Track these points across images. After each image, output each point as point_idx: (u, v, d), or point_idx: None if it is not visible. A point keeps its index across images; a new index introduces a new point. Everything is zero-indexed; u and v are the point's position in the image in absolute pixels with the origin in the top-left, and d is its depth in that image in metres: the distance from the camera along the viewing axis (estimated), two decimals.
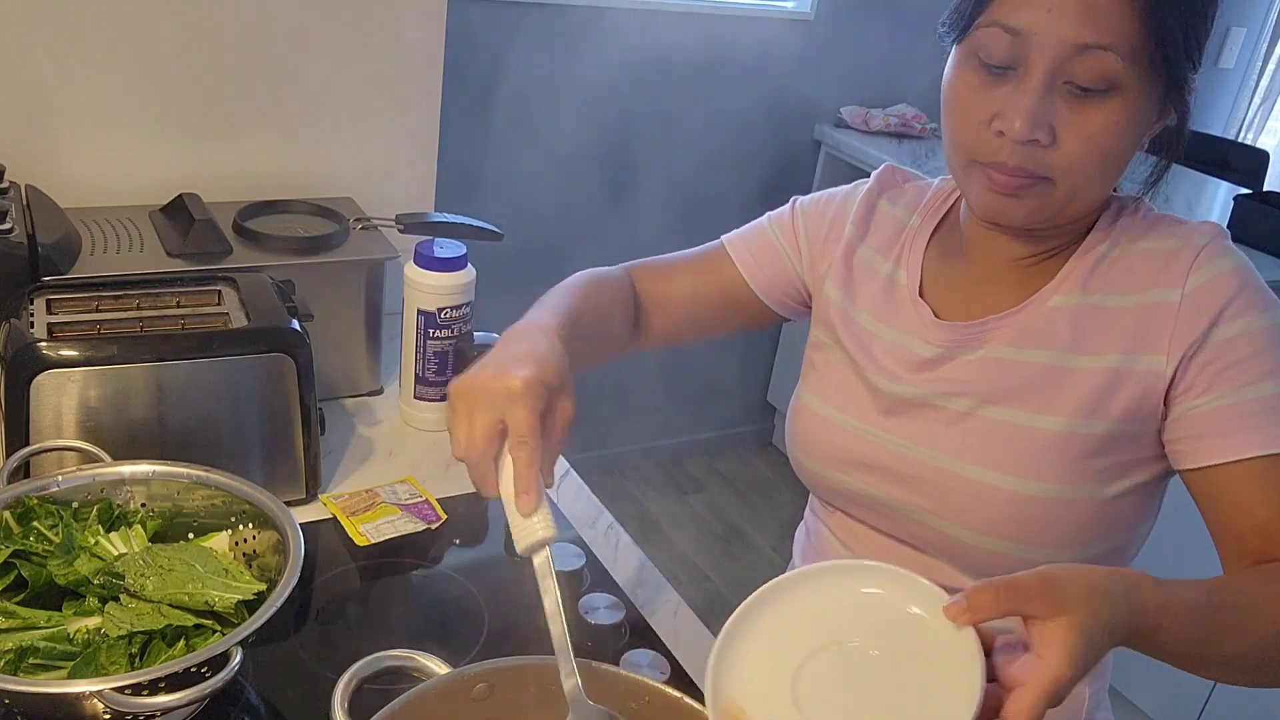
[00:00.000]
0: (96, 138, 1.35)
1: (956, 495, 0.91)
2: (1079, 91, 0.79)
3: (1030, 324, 0.90)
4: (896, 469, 0.95)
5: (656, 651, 1.00)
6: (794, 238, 1.08)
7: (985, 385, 0.91)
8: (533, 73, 2.50)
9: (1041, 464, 0.87)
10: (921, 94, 3.02)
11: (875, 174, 1.06)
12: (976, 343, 0.92)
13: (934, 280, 0.98)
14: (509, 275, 2.68)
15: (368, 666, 0.76)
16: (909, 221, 1.01)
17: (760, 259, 1.08)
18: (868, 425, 0.96)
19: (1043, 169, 0.82)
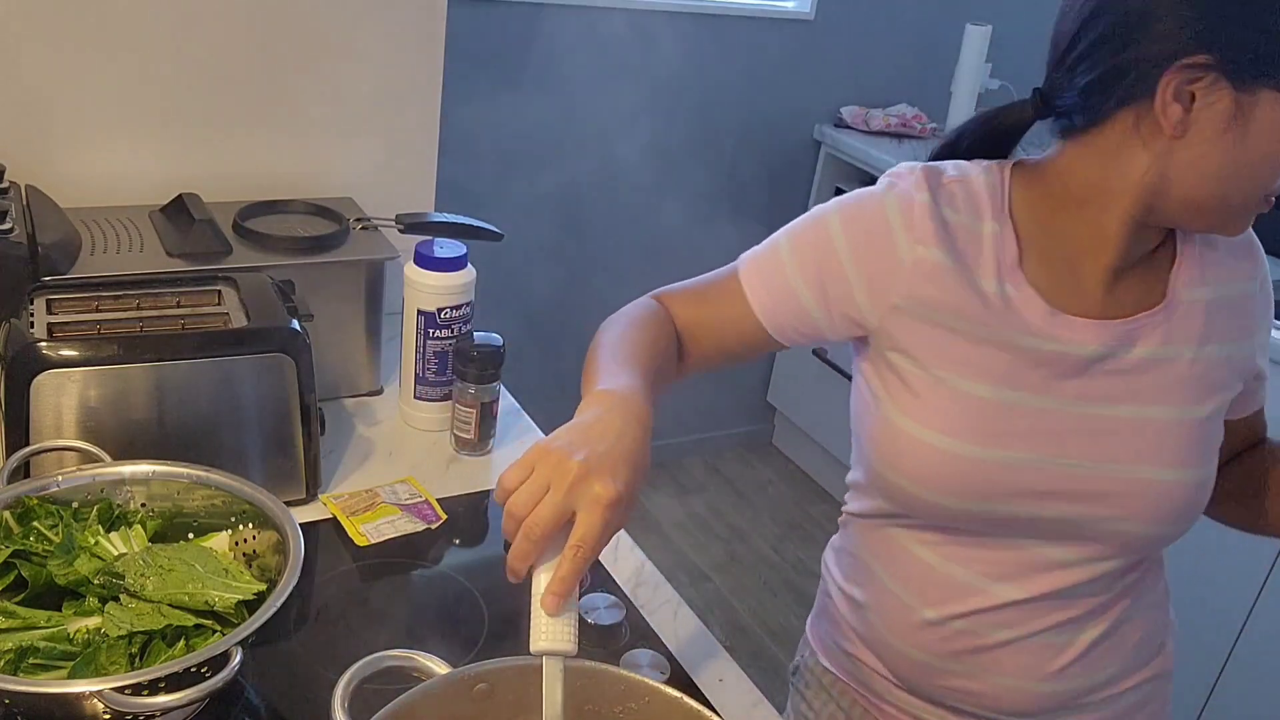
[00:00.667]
0: (96, 138, 1.35)
1: (1132, 497, 0.93)
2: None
3: (1176, 320, 0.94)
4: (1069, 487, 0.92)
5: (656, 651, 1.00)
6: (825, 279, 0.95)
7: (1147, 384, 0.93)
8: (533, 73, 2.50)
9: (1201, 451, 0.95)
10: (922, 94, 3.02)
11: (915, 180, 0.95)
12: (1131, 340, 0.93)
13: (1044, 283, 0.93)
14: (509, 274, 2.69)
15: (368, 666, 0.76)
16: (982, 228, 0.93)
17: (782, 306, 0.97)
18: (1028, 452, 0.91)
19: None
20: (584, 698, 0.77)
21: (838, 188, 2.96)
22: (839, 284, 0.95)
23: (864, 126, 2.90)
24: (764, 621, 2.64)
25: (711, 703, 0.96)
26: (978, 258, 0.93)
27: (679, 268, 3.22)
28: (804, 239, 0.97)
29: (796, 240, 0.98)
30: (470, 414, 1.27)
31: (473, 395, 1.26)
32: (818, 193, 3.00)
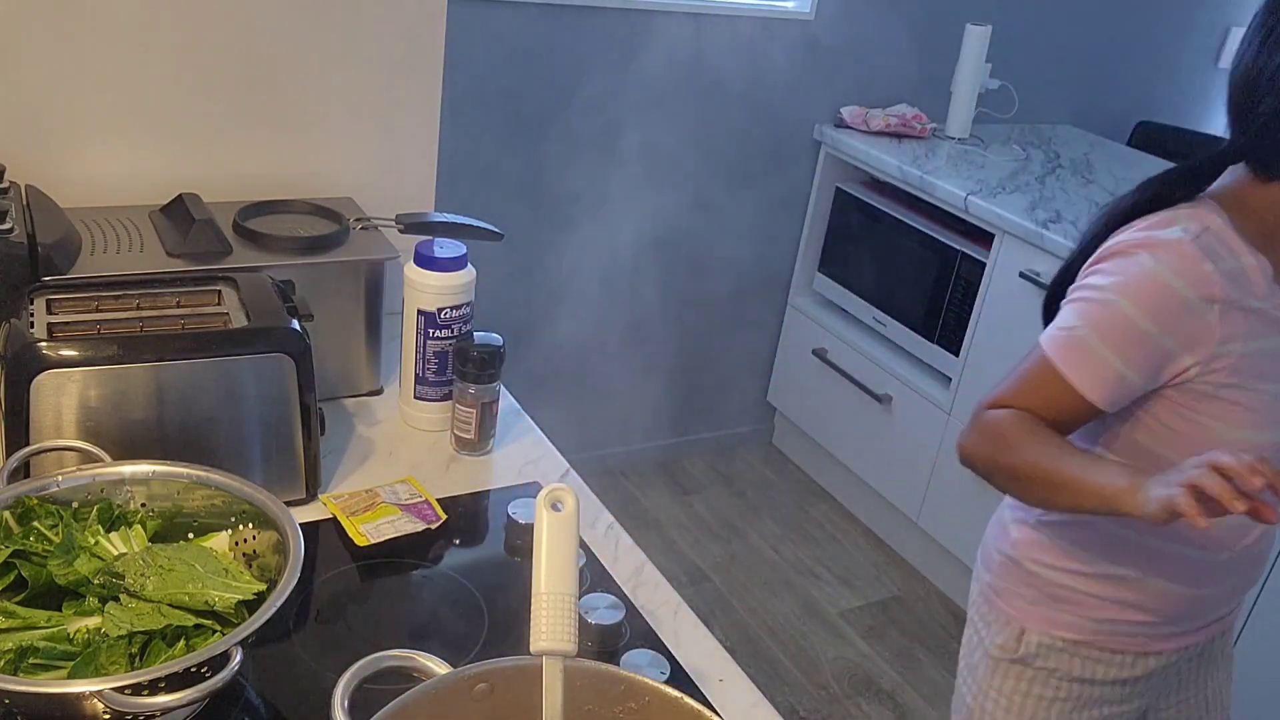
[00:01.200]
0: (96, 138, 1.35)
1: None
2: None
3: None
4: None
5: (656, 651, 1.00)
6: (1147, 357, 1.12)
7: None
8: (532, 73, 2.50)
9: None
10: (922, 94, 3.02)
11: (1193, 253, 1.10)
12: None
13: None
14: (509, 274, 2.69)
15: (368, 666, 0.76)
16: (1244, 262, 1.12)
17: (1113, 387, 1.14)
18: None
19: None
20: (584, 698, 0.77)
21: (837, 188, 2.96)
22: (1163, 357, 1.12)
23: (864, 126, 2.90)
24: (764, 621, 2.64)
25: (711, 703, 0.96)
26: (1249, 287, 1.11)
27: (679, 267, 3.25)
28: (1112, 333, 1.12)
29: (1104, 334, 1.13)
30: (470, 414, 1.27)
31: (473, 395, 1.26)
32: (818, 193, 3.00)
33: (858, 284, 2.94)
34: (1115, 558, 1.25)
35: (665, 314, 3.00)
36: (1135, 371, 1.12)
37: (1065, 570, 1.28)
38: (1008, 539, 1.34)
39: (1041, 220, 2.40)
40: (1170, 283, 1.09)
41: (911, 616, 2.72)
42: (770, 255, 3.08)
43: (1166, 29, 3.40)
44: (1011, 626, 1.33)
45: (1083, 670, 1.31)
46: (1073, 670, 1.31)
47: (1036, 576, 1.30)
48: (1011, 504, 1.35)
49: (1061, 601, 1.29)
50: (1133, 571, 1.25)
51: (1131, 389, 1.14)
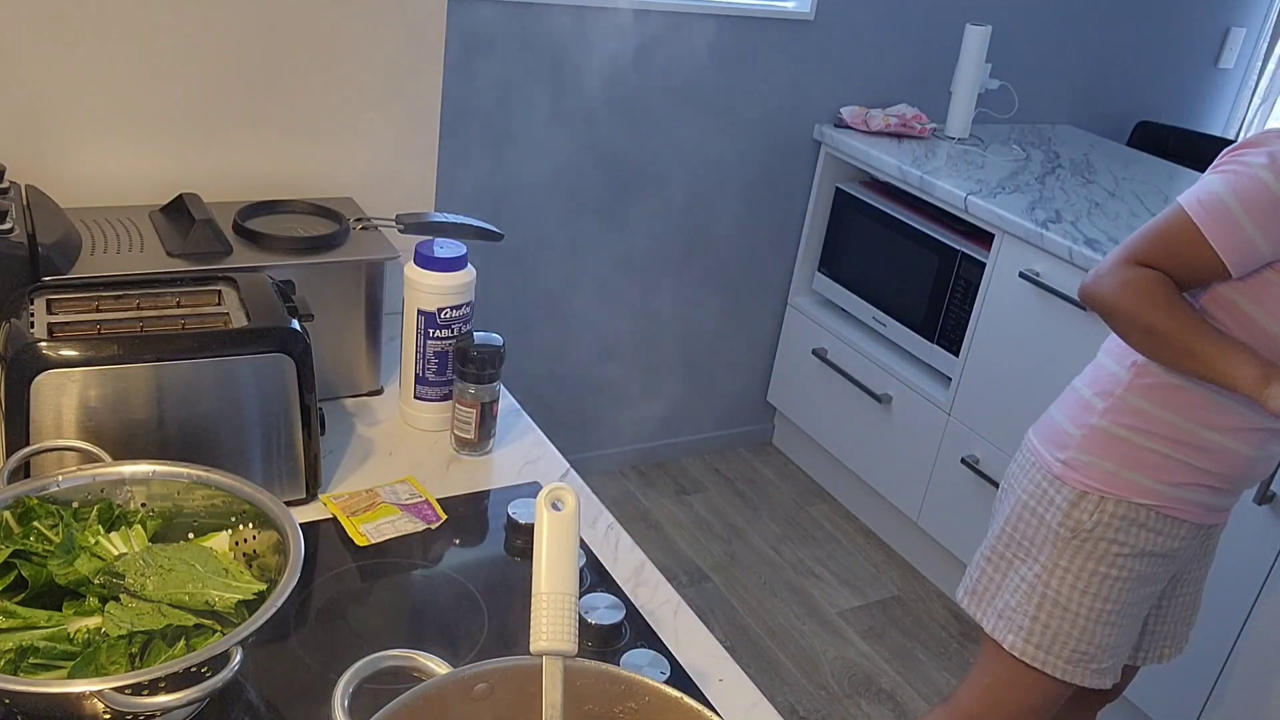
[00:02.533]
0: (96, 138, 1.35)
1: None
2: None
3: None
4: None
5: (656, 651, 1.00)
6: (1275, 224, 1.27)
7: None
8: (532, 72, 2.50)
9: None
10: (922, 94, 3.02)
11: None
12: None
13: None
14: (510, 274, 2.69)
15: (368, 666, 0.76)
16: None
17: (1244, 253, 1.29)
18: None
19: None
20: (584, 698, 0.77)
21: (837, 188, 2.96)
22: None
23: (864, 126, 2.90)
24: (764, 621, 2.64)
25: (711, 703, 0.96)
26: None
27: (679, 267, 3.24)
28: (1254, 203, 1.27)
29: (1247, 204, 1.27)
30: (470, 414, 1.27)
31: (473, 395, 1.26)
32: (818, 193, 3.00)
33: (858, 284, 2.94)
34: (1206, 421, 1.40)
35: (665, 314, 3.00)
36: (1267, 241, 1.26)
37: (1157, 435, 1.42)
38: (1093, 411, 1.47)
39: (1041, 220, 2.40)
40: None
41: (911, 616, 2.73)
42: (770, 255, 3.08)
43: (1166, 29, 3.40)
44: (1088, 499, 1.46)
45: (1148, 543, 1.46)
46: (1139, 544, 1.46)
47: (1125, 442, 1.43)
48: (1092, 380, 1.49)
49: (1145, 467, 1.43)
50: (1215, 436, 1.40)
51: (1260, 258, 1.28)
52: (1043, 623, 1.52)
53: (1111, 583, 1.49)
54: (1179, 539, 1.48)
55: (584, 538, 1.16)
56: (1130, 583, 1.49)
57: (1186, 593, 1.64)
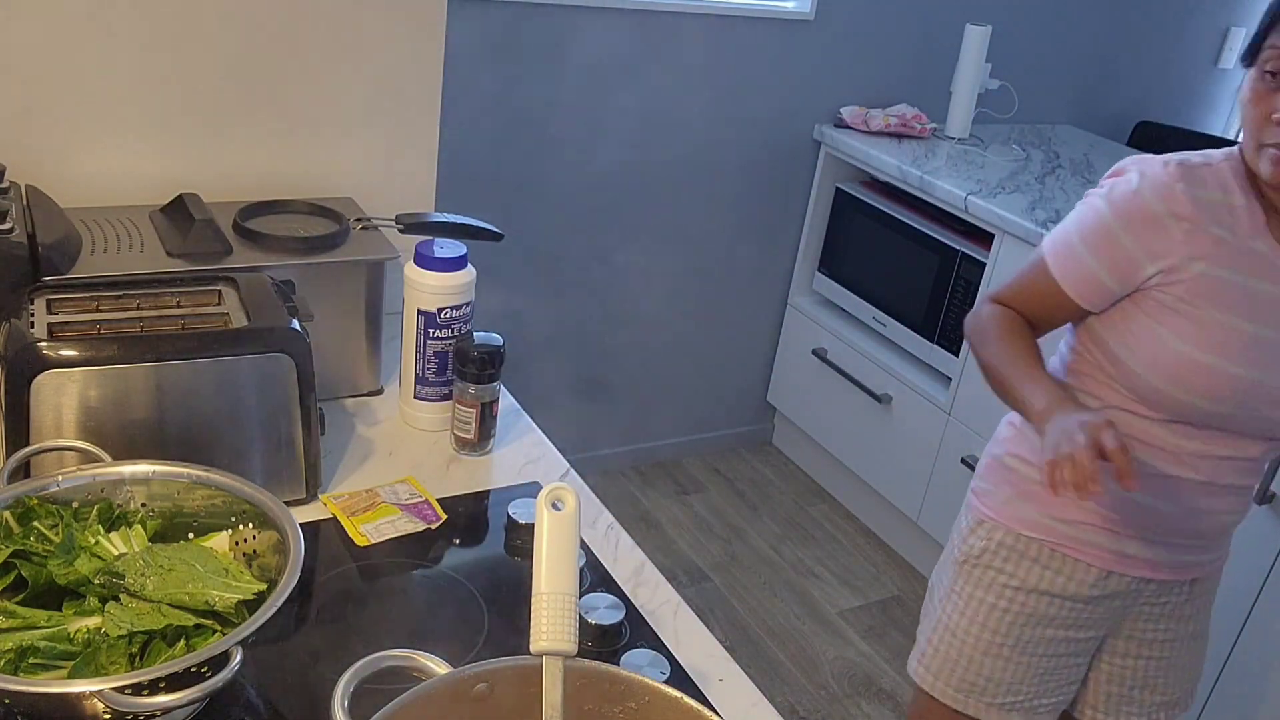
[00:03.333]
0: (96, 138, 1.35)
1: None
2: None
3: None
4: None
5: (656, 651, 1.00)
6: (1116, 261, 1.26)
7: None
8: (532, 72, 2.50)
9: None
10: (922, 94, 3.02)
11: (1168, 171, 1.24)
12: None
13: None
14: (509, 275, 2.69)
15: (368, 666, 0.76)
16: (1234, 201, 1.23)
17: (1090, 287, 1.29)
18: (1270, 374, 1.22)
19: None
20: (584, 698, 0.77)
21: (837, 188, 2.96)
22: (1130, 263, 1.25)
23: (864, 126, 2.90)
24: (764, 621, 2.64)
25: (711, 703, 0.96)
26: (1234, 224, 1.22)
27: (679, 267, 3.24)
28: (1092, 236, 1.27)
29: (1085, 238, 1.28)
30: (470, 414, 1.27)
31: (473, 395, 1.26)
32: (818, 193, 3.00)
33: (858, 284, 2.94)
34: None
35: (665, 314, 3.00)
36: (1108, 274, 1.26)
37: (1038, 466, 1.35)
38: (998, 439, 1.46)
39: (1041, 220, 2.40)
40: (1145, 196, 1.24)
41: (911, 616, 2.72)
42: (770, 255, 3.08)
43: (1166, 29, 3.40)
44: (983, 526, 1.43)
45: (1039, 580, 1.39)
46: (1030, 579, 1.40)
47: (1014, 473, 1.40)
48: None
49: (1032, 499, 1.38)
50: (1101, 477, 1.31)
51: (1106, 290, 1.28)
52: (934, 646, 1.49)
53: (1000, 614, 1.41)
54: (1085, 584, 1.38)
55: (584, 538, 1.16)
56: (1021, 618, 1.41)
57: (1147, 656, 1.46)
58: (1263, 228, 1.23)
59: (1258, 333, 1.22)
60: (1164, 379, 1.25)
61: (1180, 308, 1.24)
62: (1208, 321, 1.22)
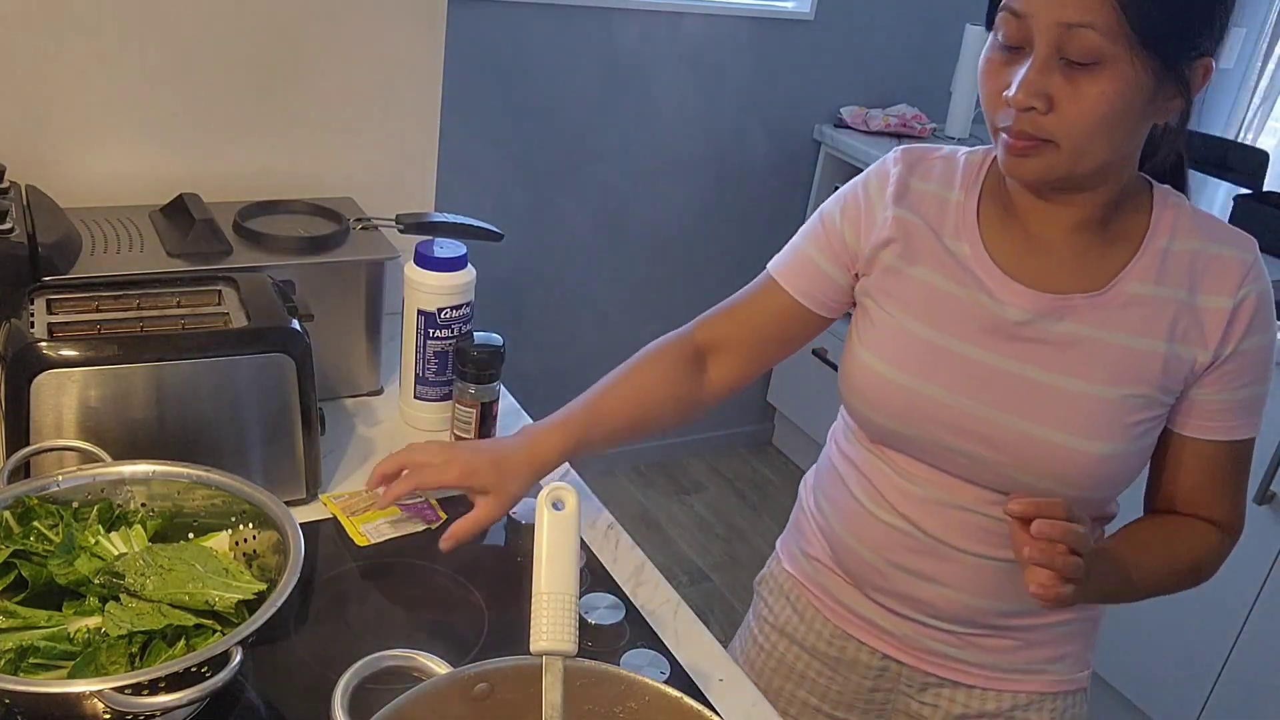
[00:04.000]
0: (96, 138, 1.35)
1: (1037, 455, 1.02)
2: (1073, 65, 0.91)
3: (1113, 307, 1.01)
4: (978, 430, 1.03)
5: (656, 651, 1.00)
6: (829, 241, 1.14)
7: (1069, 358, 1.01)
8: (532, 72, 2.50)
9: (1111, 427, 1.01)
10: (922, 94, 3.02)
11: (894, 156, 1.13)
12: (1059, 314, 1.02)
13: (996, 248, 1.05)
14: (510, 275, 2.69)
15: (368, 666, 0.76)
16: (950, 196, 1.09)
17: (806, 276, 1.16)
18: (948, 390, 1.04)
19: (1044, 133, 0.93)
20: (584, 698, 0.77)
21: (837, 188, 2.95)
22: (838, 242, 1.13)
23: (864, 126, 2.90)
24: None
25: (711, 703, 0.96)
26: (941, 219, 1.08)
27: (679, 267, 3.24)
28: (812, 225, 1.17)
29: (807, 229, 1.18)
30: (470, 414, 1.27)
31: (473, 395, 1.26)
32: (818, 193, 3.00)
33: None
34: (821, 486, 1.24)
35: (665, 314, 2.99)
36: (821, 255, 1.14)
37: (804, 489, 1.30)
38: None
39: None
40: (865, 177, 1.14)
41: None
42: (770, 255, 3.07)
43: None
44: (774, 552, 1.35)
45: (787, 620, 1.25)
46: (780, 616, 1.26)
47: (799, 500, 1.31)
48: None
49: (797, 527, 1.29)
50: (827, 505, 1.21)
51: (825, 279, 1.14)
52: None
53: (756, 646, 1.29)
54: (823, 637, 1.22)
55: (584, 538, 1.16)
56: (770, 658, 1.27)
57: None
58: (972, 228, 1.06)
59: (933, 340, 1.05)
60: (849, 389, 1.12)
61: (867, 304, 1.11)
62: (885, 324, 1.08)
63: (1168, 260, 1.01)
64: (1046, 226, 1.04)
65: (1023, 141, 0.95)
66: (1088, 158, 0.95)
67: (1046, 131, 0.93)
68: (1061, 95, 0.91)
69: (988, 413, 1.03)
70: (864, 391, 1.09)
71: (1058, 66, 0.91)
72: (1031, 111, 0.93)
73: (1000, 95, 0.95)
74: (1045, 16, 0.90)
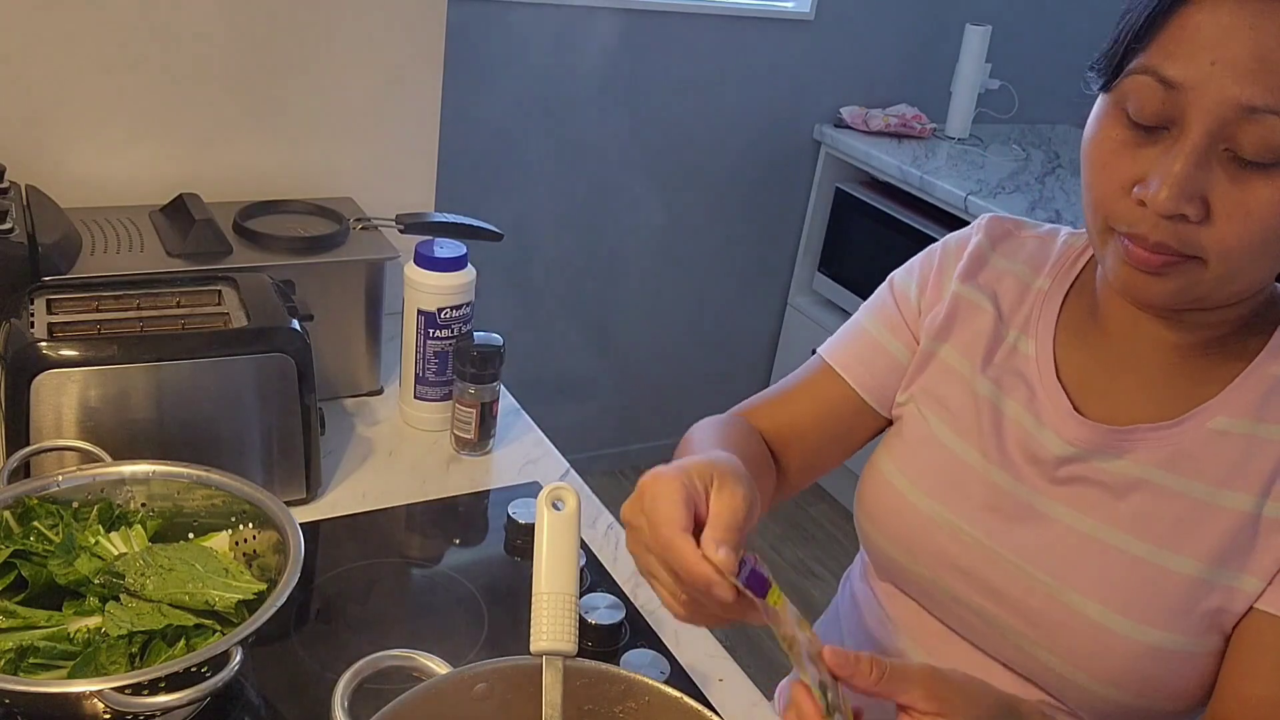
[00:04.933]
0: (96, 138, 1.35)
1: (1067, 630, 0.80)
2: (1243, 163, 0.67)
3: (1188, 445, 0.78)
4: (995, 582, 0.83)
5: (656, 651, 1.00)
6: (901, 310, 0.96)
7: (1123, 507, 0.79)
8: (533, 73, 2.50)
9: (1171, 610, 0.76)
10: (922, 94, 3.02)
11: (982, 224, 0.95)
12: (1118, 450, 0.80)
13: (1066, 357, 0.85)
14: (510, 275, 2.69)
15: (368, 666, 0.76)
16: (1035, 282, 0.89)
17: (867, 362, 0.96)
18: (966, 521, 0.85)
19: (1191, 248, 0.70)
20: (584, 698, 0.77)
21: (837, 188, 2.96)
22: (910, 312, 0.95)
23: (864, 126, 2.90)
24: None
25: (711, 703, 0.96)
26: (1015, 309, 0.89)
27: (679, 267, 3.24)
28: (876, 300, 0.99)
29: (870, 306, 0.99)
30: (470, 414, 1.27)
31: (473, 395, 1.26)
32: (818, 193, 3.00)
33: (858, 284, 2.94)
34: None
35: (665, 313, 3.00)
36: (892, 336, 0.95)
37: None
38: None
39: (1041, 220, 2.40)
40: (943, 241, 0.96)
41: None
42: (770, 255, 3.08)
43: None
44: None
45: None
46: None
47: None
48: None
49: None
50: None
51: (895, 366, 0.94)
52: None
53: None
54: None
55: (584, 538, 1.16)
56: None
57: None
58: (1048, 326, 0.87)
59: (962, 456, 0.87)
60: (859, 501, 0.94)
61: (904, 405, 0.93)
62: (914, 426, 0.91)
63: (1278, 391, 0.77)
64: (1135, 339, 0.82)
65: (1161, 257, 0.70)
66: (1240, 280, 0.72)
67: (1195, 246, 0.70)
68: (1224, 201, 0.68)
69: (1009, 561, 0.82)
70: (872, 505, 0.92)
71: (1220, 161, 0.68)
72: (1178, 219, 0.69)
73: (1126, 190, 0.71)
74: (1214, 93, 0.66)
